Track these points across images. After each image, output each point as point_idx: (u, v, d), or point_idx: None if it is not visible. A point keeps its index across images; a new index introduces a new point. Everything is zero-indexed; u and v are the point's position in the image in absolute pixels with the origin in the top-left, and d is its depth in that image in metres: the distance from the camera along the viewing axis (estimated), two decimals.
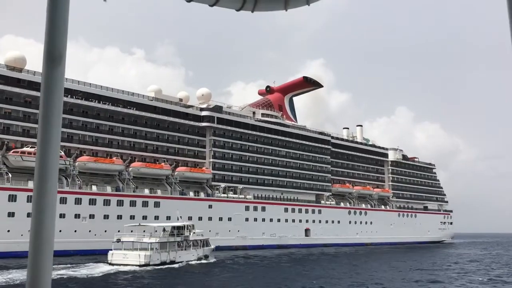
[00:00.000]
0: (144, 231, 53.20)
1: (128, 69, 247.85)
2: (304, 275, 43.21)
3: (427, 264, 56.60)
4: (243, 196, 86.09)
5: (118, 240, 49.39)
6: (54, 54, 1.20)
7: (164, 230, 53.72)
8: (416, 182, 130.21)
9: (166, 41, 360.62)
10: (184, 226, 54.39)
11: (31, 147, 62.69)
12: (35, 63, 68.43)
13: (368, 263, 57.69)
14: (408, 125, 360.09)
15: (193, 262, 51.00)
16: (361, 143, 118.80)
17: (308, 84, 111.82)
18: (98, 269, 42.18)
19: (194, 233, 54.95)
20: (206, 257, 54.16)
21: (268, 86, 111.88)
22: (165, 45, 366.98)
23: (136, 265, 45.38)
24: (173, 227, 53.68)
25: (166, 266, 47.46)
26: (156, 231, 54.09)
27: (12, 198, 58.90)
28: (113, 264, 45.45)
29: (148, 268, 45.22)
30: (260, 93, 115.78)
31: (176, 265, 48.52)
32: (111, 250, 47.83)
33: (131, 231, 54.60)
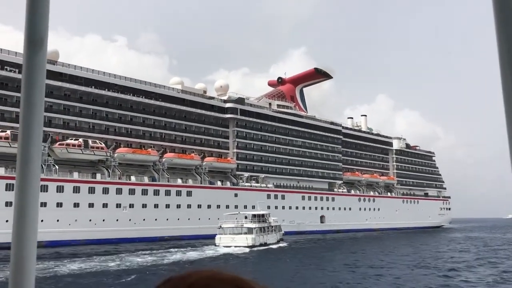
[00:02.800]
0: (236, 218, 59.42)
1: (110, 57, 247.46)
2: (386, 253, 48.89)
3: (473, 245, 62.84)
4: (264, 185, 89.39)
5: (220, 227, 56.53)
6: (35, 38, 1.18)
7: (245, 217, 58.20)
8: (418, 170, 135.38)
9: (149, 28, 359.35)
10: (266, 214, 61.54)
11: (74, 139, 64.64)
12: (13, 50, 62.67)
13: (417, 244, 63.69)
14: (389, 113, 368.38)
15: (276, 244, 58.59)
16: (368, 133, 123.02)
17: (319, 75, 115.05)
18: (211, 251, 47.54)
19: (273, 219, 62.32)
20: (281, 239, 61.97)
21: (280, 78, 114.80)
22: (148, 33, 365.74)
23: (244, 246, 51.38)
24: (255, 215, 59.97)
25: (263, 247, 53.73)
26: (246, 217, 60.39)
27: (60, 189, 61.00)
28: (221, 246, 51.59)
29: (254, 249, 51.12)
30: (270, 84, 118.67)
31: (272, 246, 55.94)
32: (218, 234, 55.20)
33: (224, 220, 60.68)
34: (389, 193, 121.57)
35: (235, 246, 51.45)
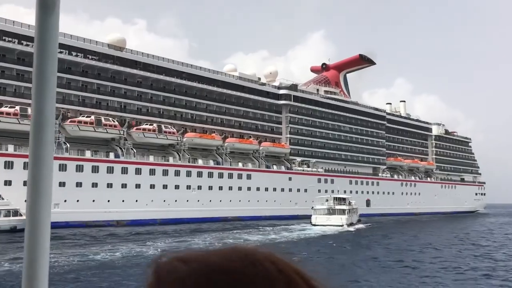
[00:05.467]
0: (326, 200, 65.18)
1: (130, 40, 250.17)
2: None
3: None
4: (315, 169, 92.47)
5: (313, 208, 62.66)
6: (47, 0, 1.13)
7: (326, 200, 62.07)
8: (455, 155, 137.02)
9: (168, 12, 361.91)
10: (347, 197, 66.13)
11: (149, 124, 68.26)
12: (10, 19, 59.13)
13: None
14: (407, 97, 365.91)
15: (358, 224, 63.99)
16: (411, 119, 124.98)
17: (363, 61, 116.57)
18: (310, 230, 52.78)
19: (353, 202, 67.69)
20: (359, 220, 66.69)
21: (324, 63, 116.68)
22: (167, 17, 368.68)
23: (339, 225, 56.47)
24: (336, 198, 65.05)
25: (352, 227, 59.15)
26: (327, 200, 65.53)
27: (138, 172, 64.88)
28: (317, 225, 56.51)
29: (345, 228, 56.26)
30: (313, 70, 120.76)
31: (359, 225, 62.35)
32: (313, 214, 60.95)
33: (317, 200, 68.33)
34: (428, 178, 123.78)
35: (330, 225, 56.17)
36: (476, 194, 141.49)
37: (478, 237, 50.86)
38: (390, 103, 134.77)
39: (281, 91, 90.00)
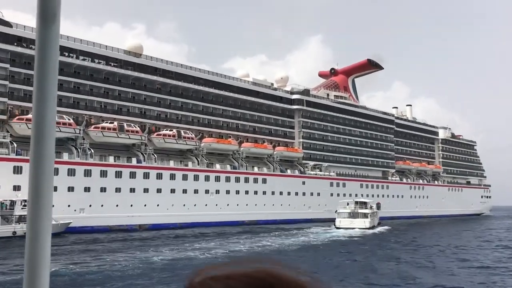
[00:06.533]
0: (347, 204, 66.65)
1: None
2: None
3: None
4: (327, 173, 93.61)
5: (336, 211, 64.66)
6: (47, 12, 1.15)
7: (347, 204, 63.33)
8: (461, 159, 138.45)
9: (167, 16, 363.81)
10: (367, 202, 68.47)
11: (169, 130, 69.40)
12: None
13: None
14: (405, 100, 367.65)
15: (379, 227, 66.23)
16: (418, 123, 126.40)
17: (371, 66, 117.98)
18: (336, 232, 54.89)
19: (374, 206, 69.68)
20: (379, 224, 68.60)
21: (332, 68, 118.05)
22: (166, 21, 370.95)
23: (362, 228, 58.67)
24: (358, 202, 67.51)
25: (374, 229, 61.17)
26: (348, 204, 67.53)
27: (159, 176, 65.91)
28: (341, 228, 58.72)
29: (369, 231, 58.34)
30: (321, 75, 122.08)
31: (380, 228, 64.56)
32: (337, 218, 63.52)
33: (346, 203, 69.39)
34: (435, 182, 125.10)
35: (354, 228, 58.30)
36: (482, 196, 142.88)
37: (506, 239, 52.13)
38: (397, 107, 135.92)
39: (294, 96, 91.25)
